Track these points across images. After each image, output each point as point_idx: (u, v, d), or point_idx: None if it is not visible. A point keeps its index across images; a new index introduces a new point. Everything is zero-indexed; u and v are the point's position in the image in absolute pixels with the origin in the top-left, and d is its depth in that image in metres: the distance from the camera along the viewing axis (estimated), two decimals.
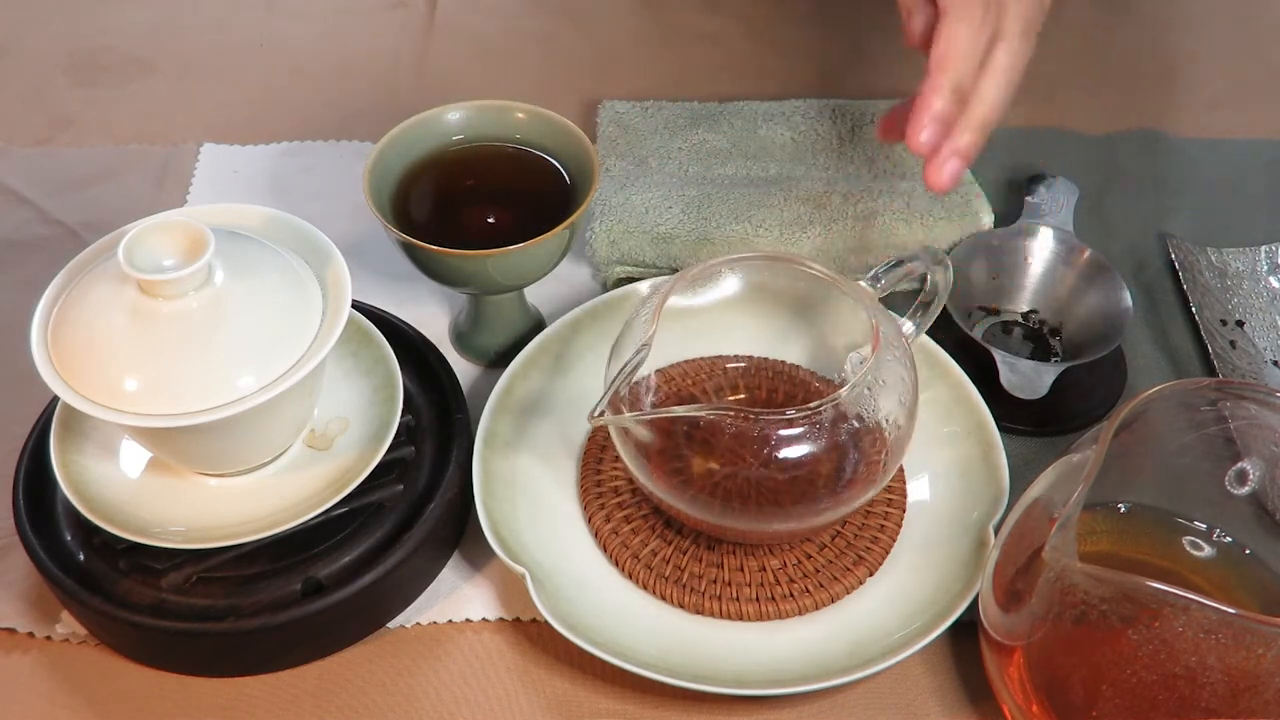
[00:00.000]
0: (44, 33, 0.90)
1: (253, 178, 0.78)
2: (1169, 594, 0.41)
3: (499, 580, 0.58)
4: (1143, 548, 0.54)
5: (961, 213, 0.70)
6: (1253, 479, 0.52)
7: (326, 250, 0.53)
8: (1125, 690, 0.44)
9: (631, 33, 0.91)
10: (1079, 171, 0.76)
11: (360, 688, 0.54)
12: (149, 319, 0.48)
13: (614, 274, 0.70)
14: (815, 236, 0.69)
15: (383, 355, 0.58)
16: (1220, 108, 0.86)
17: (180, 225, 0.48)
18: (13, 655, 0.55)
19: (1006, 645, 0.49)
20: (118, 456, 0.55)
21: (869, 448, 0.54)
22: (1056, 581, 0.44)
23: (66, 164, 0.79)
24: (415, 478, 0.57)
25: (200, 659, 0.54)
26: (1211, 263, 0.73)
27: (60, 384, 0.47)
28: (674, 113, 0.79)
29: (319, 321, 0.51)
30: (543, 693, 0.54)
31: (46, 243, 0.73)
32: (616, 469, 0.59)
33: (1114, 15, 0.94)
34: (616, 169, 0.74)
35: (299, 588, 0.53)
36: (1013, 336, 0.69)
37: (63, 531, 0.55)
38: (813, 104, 0.79)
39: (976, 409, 0.61)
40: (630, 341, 0.53)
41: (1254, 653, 0.41)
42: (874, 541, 0.57)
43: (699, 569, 0.56)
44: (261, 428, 0.52)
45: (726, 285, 0.62)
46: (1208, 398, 0.51)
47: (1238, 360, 0.67)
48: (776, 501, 0.53)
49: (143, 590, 0.52)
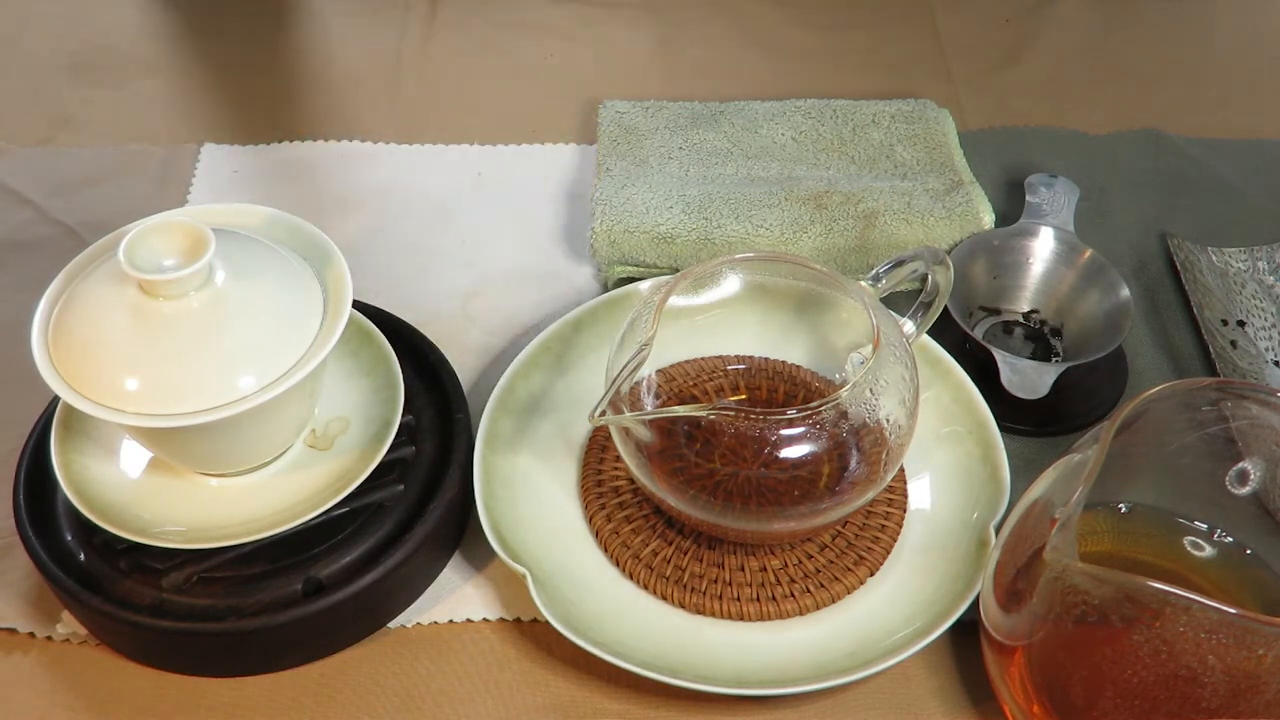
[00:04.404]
0: (44, 33, 0.90)
1: (253, 178, 0.78)
2: (1170, 594, 0.40)
3: (499, 580, 0.58)
4: (1143, 548, 0.54)
5: (962, 213, 0.70)
6: (1254, 479, 0.52)
7: (327, 250, 0.53)
8: (1126, 690, 0.44)
9: (632, 33, 0.91)
10: (1079, 171, 0.76)
11: (361, 688, 0.54)
12: (149, 319, 0.48)
13: (614, 274, 0.70)
14: (816, 236, 0.69)
15: (383, 355, 0.58)
16: (1220, 108, 0.86)
17: (181, 225, 0.48)
18: (13, 655, 0.55)
19: (1007, 645, 0.49)
20: (118, 456, 0.55)
21: (870, 448, 0.53)
22: (1057, 581, 0.44)
23: (66, 164, 0.79)
24: (416, 478, 0.57)
25: (200, 659, 0.54)
26: (1212, 263, 0.73)
27: (61, 384, 0.47)
28: (674, 113, 0.79)
29: (320, 321, 0.50)
30: (543, 693, 0.54)
31: (46, 243, 0.73)
32: (617, 469, 0.59)
33: (1114, 15, 0.94)
34: (617, 169, 0.74)
35: (299, 588, 0.53)
36: (1013, 336, 0.69)
37: (63, 531, 0.55)
38: (813, 104, 0.79)
39: (977, 409, 0.61)
40: (631, 341, 0.53)
41: (1255, 653, 0.41)
42: (875, 541, 0.57)
43: (699, 569, 0.56)
44: (262, 428, 0.52)
45: (727, 285, 0.61)
46: (1209, 398, 0.51)
47: (1239, 360, 0.67)
48: (777, 501, 0.53)
49: (143, 590, 0.52)
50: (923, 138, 0.77)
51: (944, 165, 0.75)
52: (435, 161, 0.80)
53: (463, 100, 0.85)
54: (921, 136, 0.77)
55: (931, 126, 0.78)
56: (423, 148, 0.81)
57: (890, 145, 0.76)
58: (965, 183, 0.73)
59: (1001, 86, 0.87)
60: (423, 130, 0.82)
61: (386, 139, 0.81)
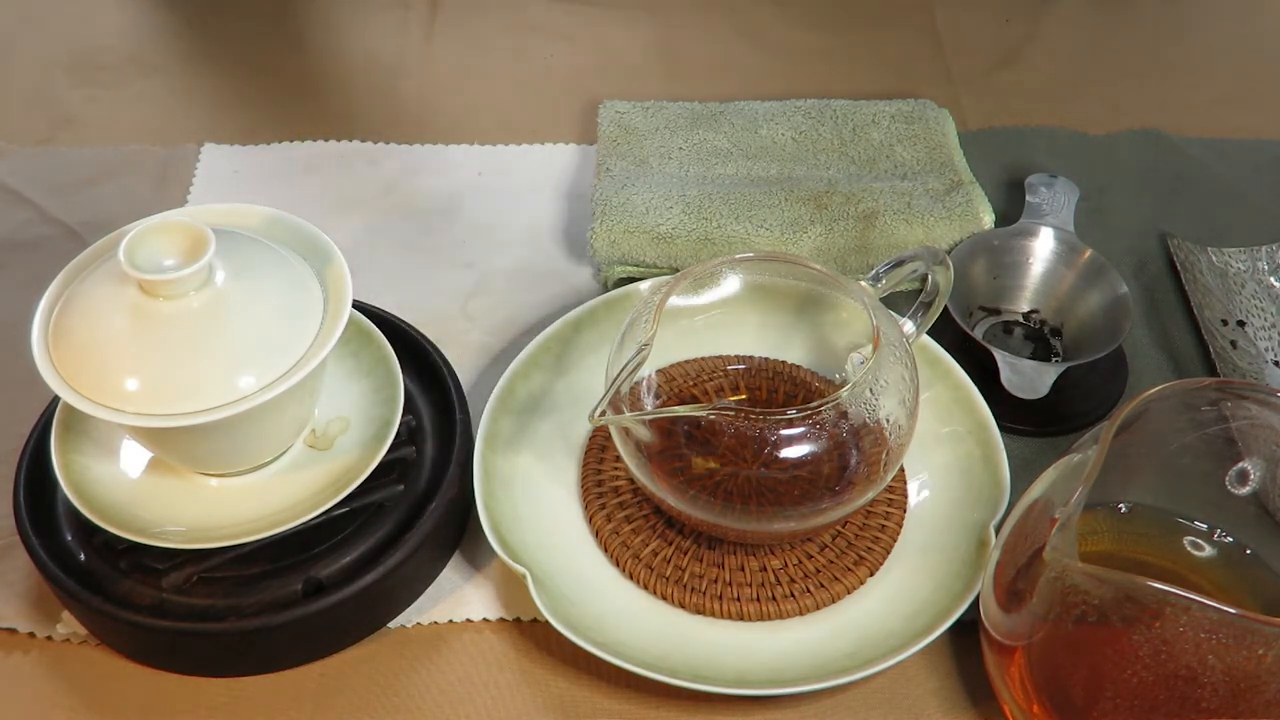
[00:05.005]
0: (44, 33, 0.90)
1: (253, 178, 0.78)
2: (1170, 594, 0.40)
3: (499, 580, 0.58)
4: (1143, 548, 0.54)
5: (962, 213, 0.70)
6: (1253, 479, 0.52)
7: (327, 250, 0.53)
8: (1126, 690, 0.44)
9: (632, 33, 0.91)
10: (1079, 171, 0.76)
11: (361, 688, 0.54)
12: (150, 319, 0.48)
13: (614, 274, 0.70)
14: (816, 236, 0.69)
15: (384, 355, 0.58)
16: (1220, 108, 0.86)
17: (181, 225, 0.48)
18: (13, 655, 0.55)
19: (1007, 645, 0.49)
20: (118, 456, 0.55)
21: (870, 448, 0.53)
22: (1057, 581, 0.44)
23: (66, 164, 0.79)
24: (416, 478, 0.57)
25: (200, 659, 0.54)
26: (1212, 263, 0.73)
27: (61, 384, 0.47)
28: (674, 113, 0.79)
29: (320, 321, 0.50)
30: (543, 693, 0.54)
31: (46, 243, 0.73)
32: (617, 469, 0.59)
33: (1114, 15, 0.94)
34: (617, 169, 0.74)
35: (299, 588, 0.53)
36: (1013, 336, 0.69)
37: (63, 531, 0.55)
38: (813, 104, 0.79)
39: (977, 409, 0.61)
40: (631, 341, 0.53)
41: (1254, 653, 0.41)
42: (875, 541, 0.57)
43: (700, 569, 0.56)
44: (262, 428, 0.52)
45: (727, 285, 0.61)
46: (1208, 398, 0.51)
47: (1238, 360, 0.67)
48: (777, 501, 0.53)
49: (143, 590, 0.52)
50: (923, 138, 0.77)
51: (944, 165, 0.75)
52: (435, 161, 0.80)
53: (463, 100, 0.85)
54: (921, 136, 0.77)
55: (931, 126, 0.78)
56: (423, 148, 0.81)
57: (890, 145, 0.76)
58: (965, 183, 0.73)
59: (1001, 86, 0.87)
60: (423, 130, 0.82)
61: (386, 139, 0.81)
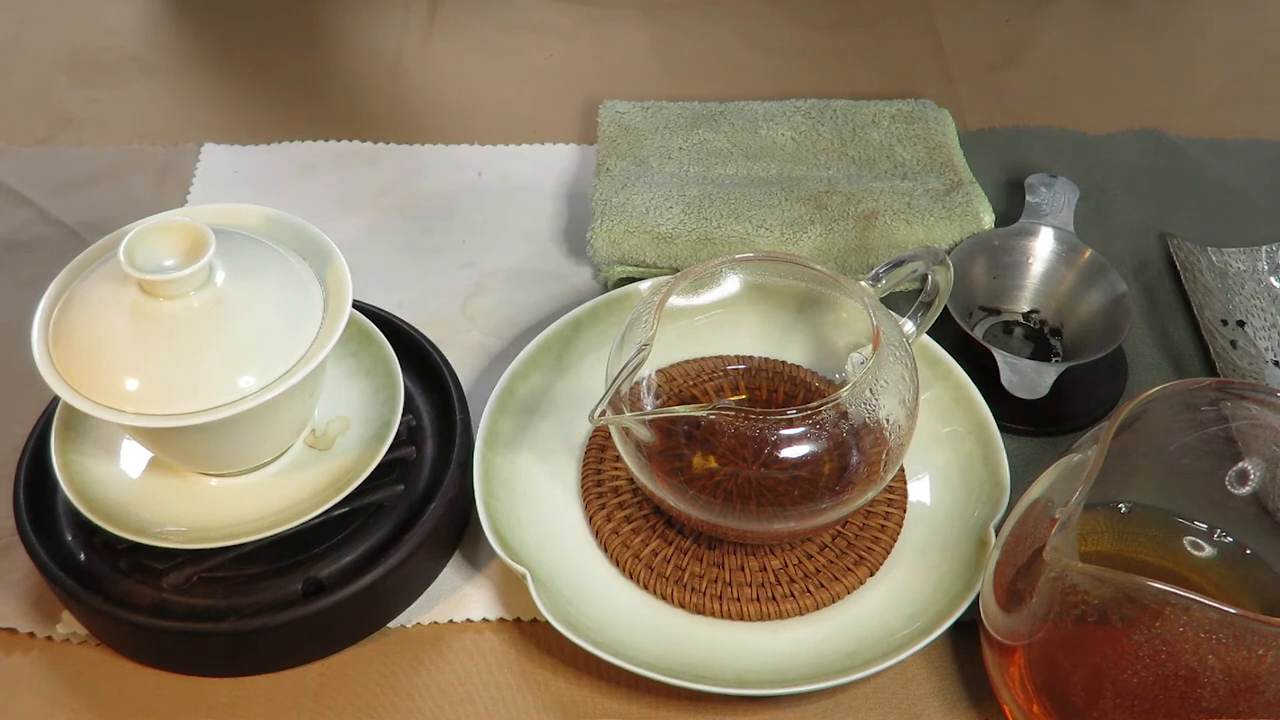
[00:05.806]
0: (44, 33, 0.90)
1: (253, 178, 0.78)
2: (1170, 594, 0.40)
3: (500, 580, 0.58)
4: (1143, 548, 0.54)
5: (961, 213, 0.70)
6: (1253, 479, 0.52)
7: (327, 250, 0.53)
8: (1126, 690, 0.44)
9: (632, 33, 0.91)
10: (1079, 171, 0.76)
11: (361, 688, 0.54)
12: (150, 319, 0.48)
13: (614, 274, 0.70)
14: (816, 236, 0.69)
15: (384, 355, 0.58)
16: (1220, 108, 0.86)
17: (181, 225, 0.48)
18: (13, 655, 0.55)
19: (1007, 645, 0.49)
20: (118, 456, 0.55)
21: (870, 448, 0.53)
22: (1057, 581, 0.44)
23: (66, 164, 0.79)
24: (416, 478, 0.57)
25: (200, 659, 0.54)
26: (1212, 263, 0.73)
27: (61, 384, 0.47)
28: (674, 113, 0.79)
29: (320, 321, 0.50)
30: (543, 693, 0.54)
31: (46, 243, 0.73)
32: (617, 469, 0.59)
33: (1114, 15, 0.94)
34: (617, 169, 0.74)
35: (299, 588, 0.53)
36: (1013, 336, 0.69)
37: (63, 531, 0.55)
38: (813, 104, 0.79)
39: (977, 409, 0.61)
40: (631, 341, 0.53)
41: (1254, 653, 0.41)
42: (875, 541, 0.57)
43: (699, 569, 0.56)
44: (262, 428, 0.52)
45: (727, 285, 0.61)
46: (1208, 398, 0.51)
47: (1238, 360, 0.67)
48: (777, 501, 0.53)
49: (143, 590, 0.52)
50: (923, 138, 0.77)
51: (944, 165, 0.75)
52: (435, 161, 0.80)
53: (463, 100, 0.85)
54: (921, 136, 0.77)
55: (931, 126, 0.78)
56: (423, 148, 0.81)
57: (890, 145, 0.76)
58: (965, 183, 0.73)
59: (1001, 86, 0.87)
60: (423, 130, 0.82)
61: (386, 139, 0.81)
